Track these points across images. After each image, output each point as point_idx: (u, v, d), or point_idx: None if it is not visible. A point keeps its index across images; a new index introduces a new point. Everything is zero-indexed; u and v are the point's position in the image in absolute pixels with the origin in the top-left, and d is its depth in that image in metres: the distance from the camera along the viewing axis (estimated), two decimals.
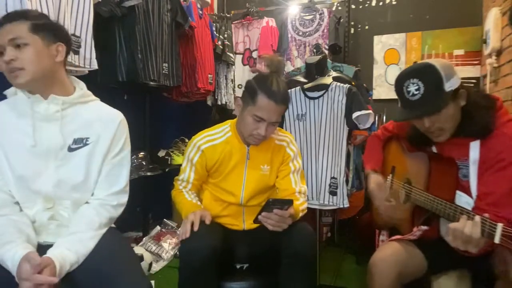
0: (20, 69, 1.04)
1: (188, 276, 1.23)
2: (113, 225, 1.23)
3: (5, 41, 1.03)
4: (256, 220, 1.22)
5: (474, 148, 1.19)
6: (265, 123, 1.31)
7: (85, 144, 1.14)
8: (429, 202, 1.21)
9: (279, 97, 1.29)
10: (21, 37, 1.04)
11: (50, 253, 0.99)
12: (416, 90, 1.13)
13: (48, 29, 1.10)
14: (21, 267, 0.92)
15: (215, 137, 1.45)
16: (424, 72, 1.14)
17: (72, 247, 1.03)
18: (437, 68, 1.13)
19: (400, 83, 1.18)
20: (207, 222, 1.28)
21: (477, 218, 0.98)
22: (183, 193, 1.46)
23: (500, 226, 0.92)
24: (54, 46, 1.10)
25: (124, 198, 1.22)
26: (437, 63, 1.15)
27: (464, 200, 1.20)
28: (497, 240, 0.92)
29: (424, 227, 1.22)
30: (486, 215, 0.99)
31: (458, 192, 1.24)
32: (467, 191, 1.21)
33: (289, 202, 1.22)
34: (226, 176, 1.44)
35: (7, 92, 1.16)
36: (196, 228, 1.24)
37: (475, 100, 1.19)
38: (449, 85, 1.13)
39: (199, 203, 1.44)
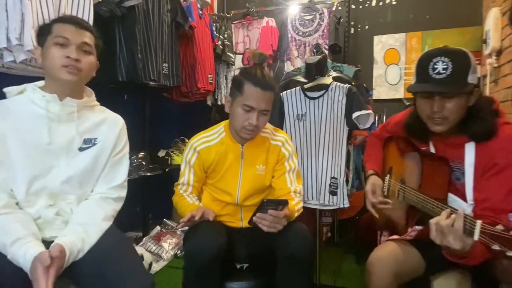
0: (80, 70, 1.15)
1: (193, 274, 1.23)
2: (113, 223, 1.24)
3: (77, 41, 1.14)
4: (250, 222, 1.22)
5: (469, 151, 1.18)
6: (255, 112, 1.33)
7: (93, 144, 1.22)
8: (420, 202, 1.22)
9: (264, 83, 1.32)
10: (91, 45, 1.19)
11: (60, 240, 1.02)
12: (444, 69, 1.12)
13: (98, 48, 1.25)
14: (35, 267, 0.94)
15: (210, 139, 1.47)
16: (457, 55, 1.13)
17: (79, 236, 1.06)
18: (470, 57, 1.13)
19: (428, 58, 1.16)
20: (211, 219, 1.29)
21: (460, 211, 0.98)
22: (184, 196, 1.46)
23: (479, 223, 0.92)
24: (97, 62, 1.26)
25: (123, 193, 1.28)
26: (469, 53, 1.15)
27: (457, 205, 1.19)
28: (476, 237, 0.92)
29: (419, 227, 1.22)
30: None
31: (452, 196, 1.23)
32: (462, 195, 1.20)
33: (284, 203, 1.22)
34: (222, 176, 1.45)
35: (9, 90, 1.18)
36: (197, 218, 1.26)
37: (482, 103, 1.18)
38: (471, 78, 1.13)
39: (201, 205, 1.44)
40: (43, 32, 1.16)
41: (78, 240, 1.05)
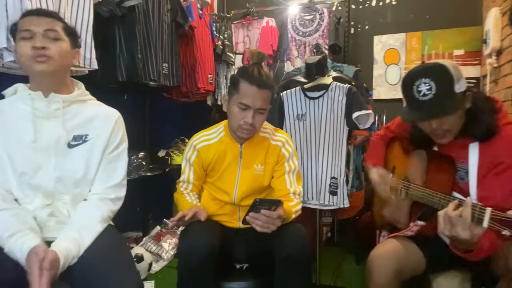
0: (49, 57, 1.11)
1: (186, 274, 1.24)
2: (111, 223, 1.24)
3: (40, 30, 1.11)
4: (244, 221, 1.21)
5: (473, 151, 1.19)
6: (251, 111, 1.33)
7: (84, 141, 1.18)
8: (425, 196, 1.22)
9: (260, 82, 1.31)
10: (58, 31, 1.14)
11: (55, 247, 1.01)
12: (428, 90, 1.12)
13: (74, 35, 1.22)
14: (30, 260, 0.94)
15: (210, 137, 1.48)
16: (436, 72, 1.13)
17: (75, 241, 1.05)
18: (448, 68, 1.13)
19: (410, 82, 1.16)
20: (202, 219, 1.28)
21: (468, 200, 0.97)
22: (184, 195, 1.46)
23: (488, 210, 0.92)
24: (74, 50, 1.22)
25: (122, 192, 1.25)
26: (448, 63, 1.14)
27: None
28: (485, 224, 0.92)
29: (421, 222, 1.22)
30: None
31: (456, 195, 1.24)
32: (465, 194, 1.21)
33: (277, 203, 1.20)
34: (221, 175, 1.46)
35: (6, 92, 1.20)
36: (187, 218, 1.26)
37: (479, 102, 1.19)
38: (459, 87, 1.12)
39: (199, 204, 1.45)
40: (13, 31, 1.14)
41: (75, 246, 1.04)
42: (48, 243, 1.05)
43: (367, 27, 3.40)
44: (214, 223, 1.42)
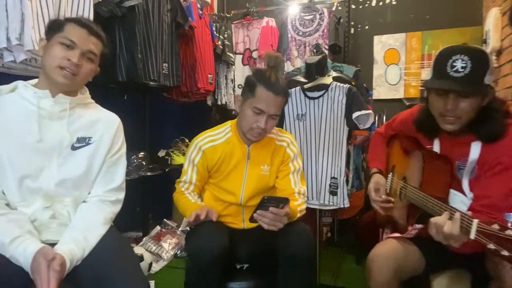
0: (75, 74, 1.13)
1: (196, 275, 1.24)
2: (111, 224, 1.23)
3: (84, 48, 1.13)
4: (251, 219, 1.22)
5: (475, 149, 1.18)
6: (264, 116, 1.32)
7: (88, 144, 1.18)
8: (419, 200, 1.22)
9: (277, 88, 1.31)
10: (95, 55, 1.18)
11: (59, 249, 1.00)
12: (462, 68, 1.10)
13: (104, 57, 1.24)
14: (38, 261, 0.93)
15: (216, 138, 1.46)
16: (477, 55, 1.11)
17: (79, 243, 1.04)
18: (489, 58, 1.12)
19: (447, 55, 1.13)
20: (214, 219, 1.28)
21: (457, 215, 0.97)
22: (186, 194, 1.46)
23: (475, 222, 0.92)
24: (97, 68, 1.24)
25: (121, 195, 1.25)
26: (489, 54, 1.14)
27: (459, 199, 1.20)
28: (472, 236, 0.92)
29: (419, 226, 1.22)
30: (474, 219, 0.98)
31: (453, 191, 1.24)
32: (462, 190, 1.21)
33: (285, 201, 1.21)
34: (227, 175, 1.45)
35: (2, 88, 1.16)
36: (202, 217, 1.26)
37: (495, 104, 1.17)
38: (487, 79, 1.12)
39: (202, 204, 1.44)
40: (54, 28, 1.13)
41: (79, 249, 1.03)
42: (50, 245, 1.03)
43: (367, 27, 3.40)
44: (222, 224, 1.42)
